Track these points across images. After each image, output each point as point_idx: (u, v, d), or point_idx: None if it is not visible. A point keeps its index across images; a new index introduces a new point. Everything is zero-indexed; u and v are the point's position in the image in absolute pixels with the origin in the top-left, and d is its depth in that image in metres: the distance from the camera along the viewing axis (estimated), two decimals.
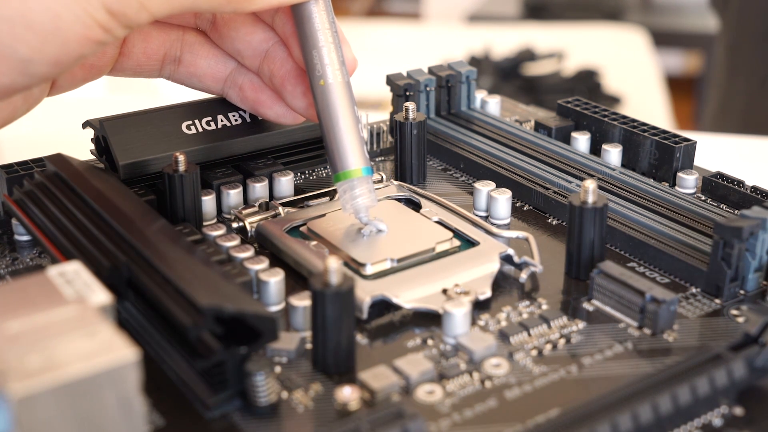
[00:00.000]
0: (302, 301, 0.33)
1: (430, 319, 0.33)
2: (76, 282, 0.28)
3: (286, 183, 0.42)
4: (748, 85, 1.07)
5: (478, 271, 0.35)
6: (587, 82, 1.25)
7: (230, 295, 0.29)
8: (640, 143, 0.44)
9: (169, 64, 0.40)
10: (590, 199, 0.35)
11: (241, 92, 0.40)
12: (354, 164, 0.37)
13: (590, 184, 0.35)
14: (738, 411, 0.29)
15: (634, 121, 0.45)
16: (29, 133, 0.61)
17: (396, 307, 0.34)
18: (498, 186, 0.42)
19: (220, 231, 0.38)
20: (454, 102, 0.49)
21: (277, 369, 0.31)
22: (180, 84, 0.41)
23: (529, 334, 0.33)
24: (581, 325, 0.33)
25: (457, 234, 0.38)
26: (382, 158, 0.47)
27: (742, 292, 0.35)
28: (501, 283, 0.36)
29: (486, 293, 0.34)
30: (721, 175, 0.42)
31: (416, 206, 0.41)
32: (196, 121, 0.41)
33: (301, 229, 0.39)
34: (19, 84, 0.33)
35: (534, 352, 0.32)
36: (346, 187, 0.37)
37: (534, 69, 1.30)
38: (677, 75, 2.30)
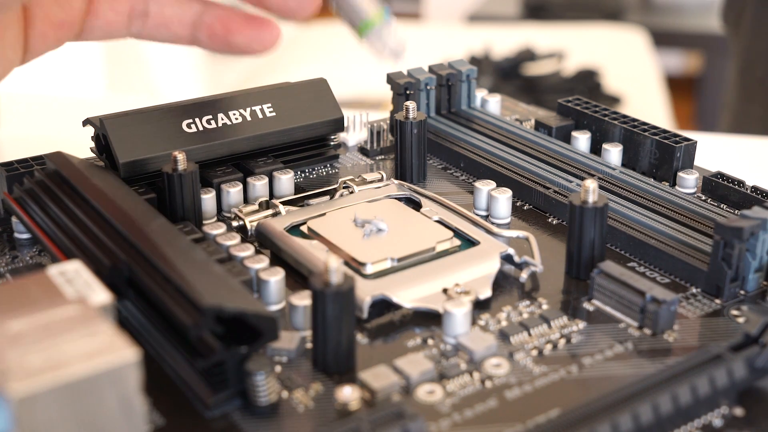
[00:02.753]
0: (302, 301, 0.33)
1: (430, 319, 0.33)
2: (77, 281, 0.28)
3: (286, 181, 0.42)
4: (764, 111, 1.01)
5: (478, 270, 0.35)
6: (587, 82, 1.25)
7: (231, 295, 0.29)
8: (641, 143, 0.44)
9: (137, 19, 0.41)
10: (591, 199, 0.35)
11: (210, 30, 0.42)
12: (372, 11, 0.38)
13: (591, 184, 0.35)
14: (738, 411, 0.29)
15: (634, 120, 0.45)
16: (29, 131, 0.61)
17: (396, 307, 0.34)
18: (498, 185, 0.42)
19: (220, 230, 0.38)
20: (455, 101, 0.49)
21: (278, 368, 0.31)
22: (151, 40, 0.42)
23: (530, 334, 0.33)
24: (581, 325, 0.33)
25: (457, 233, 0.38)
26: (383, 157, 0.47)
27: (742, 292, 0.35)
28: (501, 282, 0.36)
29: (486, 293, 0.34)
30: (721, 175, 0.42)
31: (416, 205, 0.41)
32: (197, 120, 0.41)
33: (301, 228, 0.39)
34: None
35: (534, 352, 0.32)
36: (373, 37, 0.38)
37: (534, 69, 1.30)
38: (677, 75, 2.30)
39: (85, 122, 0.41)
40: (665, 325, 0.33)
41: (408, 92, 0.48)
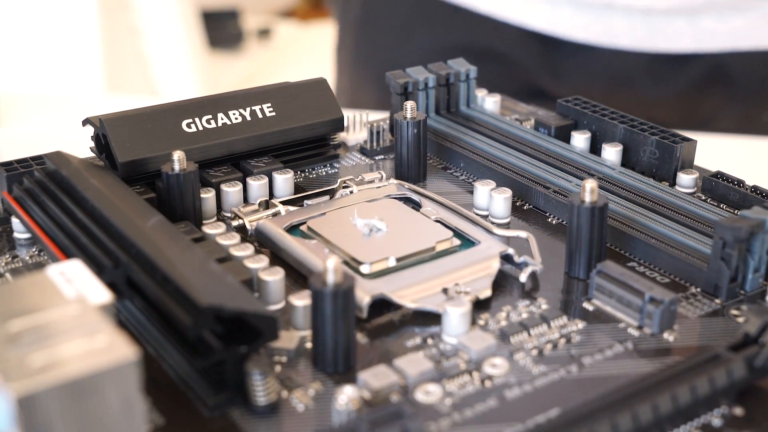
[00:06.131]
0: (302, 300, 0.33)
1: (430, 319, 0.33)
2: (76, 281, 0.28)
3: (285, 181, 0.42)
4: None
5: (478, 270, 0.35)
6: None
7: (230, 294, 0.29)
8: (641, 142, 0.44)
9: None
10: (590, 199, 0.35)
11: None
12: None
13: (590, 184, 0.35)
14: (738, 411, 0.29)
15: (633, 119, 0.45)
16: (29, 130, 0.61)
17: (396, 307, 0.34)
18: (498, 185, 0.42)
19: (220, 229, 0.38)
20: (454, 100, 0.49)
21: (277, 368, 0.31)
22: None
23: (529, 334, 0.33)
24: (581, 324, 0.33)
25: (457, 233, 0.38)
26: (383, 157, 0.47)
27: (742, 292, 0.35)
28: (501, 282, 0.36)
29: (486, 293, 0.34)
30: (721, 175, 0.42)
31: (416, 205, 0.41)
32: (196, 120, 0.41)
33: (301, 227, 0.39)
34: None
35: (534, 352, 0.32)
36: None
37: None
38: None
39: (85, 122, 0.41)
40: (665, 324, 0.33)
41: (408, 92, 0.48)
